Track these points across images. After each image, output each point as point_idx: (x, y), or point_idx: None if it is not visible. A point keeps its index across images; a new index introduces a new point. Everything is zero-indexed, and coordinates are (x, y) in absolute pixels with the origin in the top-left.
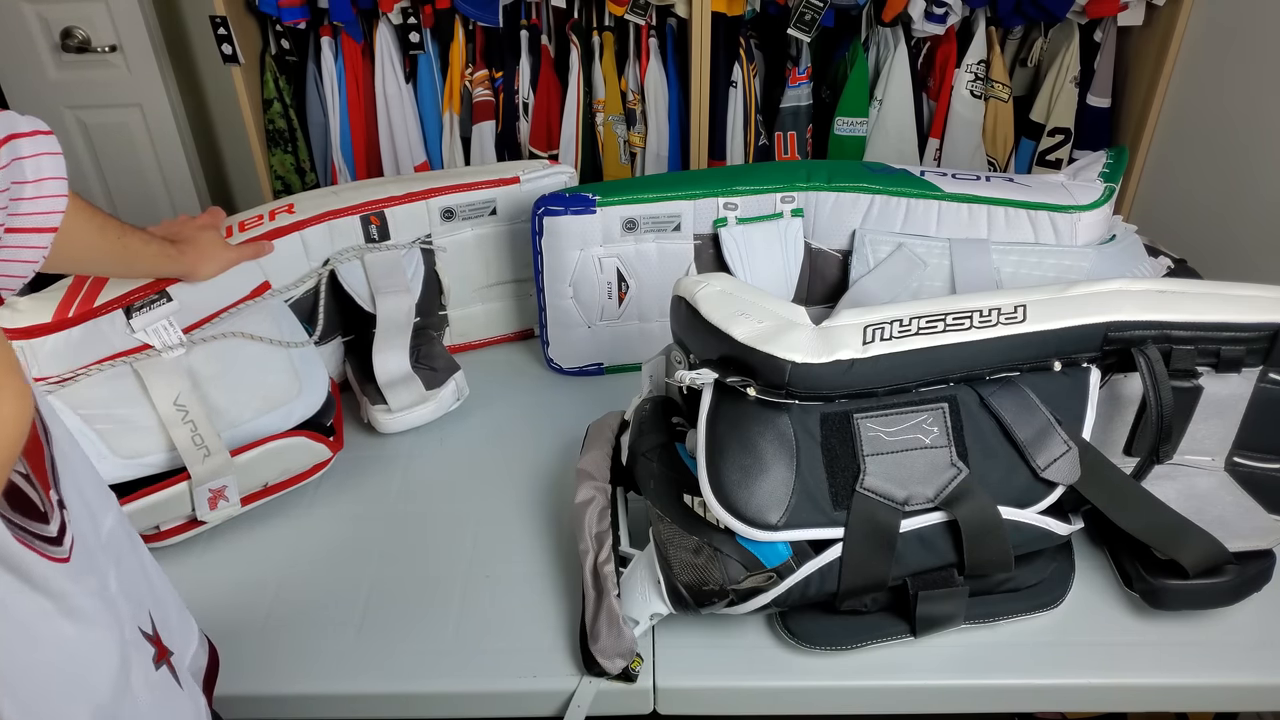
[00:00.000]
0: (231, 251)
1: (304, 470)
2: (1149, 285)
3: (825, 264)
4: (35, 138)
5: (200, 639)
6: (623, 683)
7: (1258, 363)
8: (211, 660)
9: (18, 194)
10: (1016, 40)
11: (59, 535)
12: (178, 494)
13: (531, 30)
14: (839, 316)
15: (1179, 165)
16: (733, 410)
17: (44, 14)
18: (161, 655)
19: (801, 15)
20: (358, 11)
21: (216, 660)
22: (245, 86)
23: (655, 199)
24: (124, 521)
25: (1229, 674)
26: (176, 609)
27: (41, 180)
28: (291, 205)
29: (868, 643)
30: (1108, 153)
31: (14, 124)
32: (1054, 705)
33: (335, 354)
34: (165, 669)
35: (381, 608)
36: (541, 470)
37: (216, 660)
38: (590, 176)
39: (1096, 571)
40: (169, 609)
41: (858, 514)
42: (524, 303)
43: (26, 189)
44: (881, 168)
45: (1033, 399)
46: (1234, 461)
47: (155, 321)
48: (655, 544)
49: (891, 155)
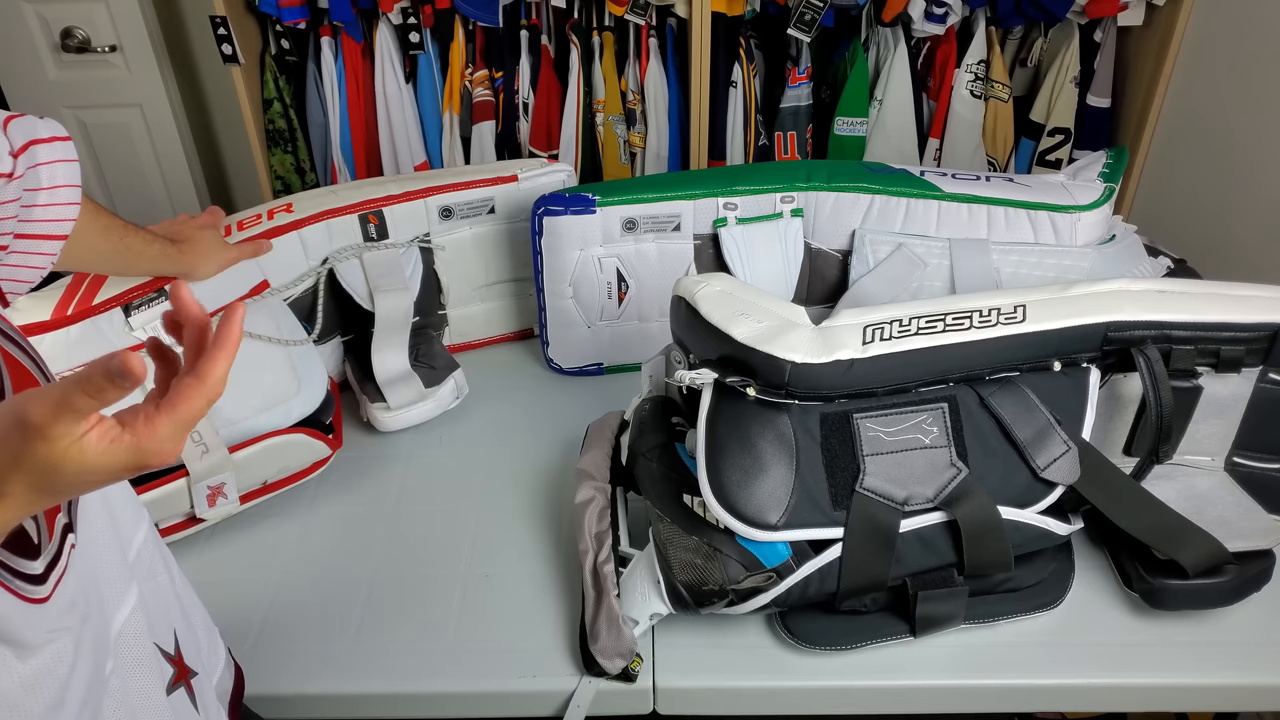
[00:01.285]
0: (231, 251)
1: (303, 468)
2: (1149, 285)
3: (825, 264)
4: (53, 144)
5: (227, 661)
6: (622, 683)
7: (1257, 363)
8: (237, 683)
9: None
10: (1016, 40)
11: (45, 573)
12: (176, 490)
13: (531, 30)
14: (839, 316)
15: (1179, 165)
16: (732, 410)
17: (44, 14)
18: (181, 676)
19: (801, 15)
20: (358, 11)
21: (242, 683)
22: (245, 86)
23: (655, 199)
24: (156, 539)
25: (1229, 674)
26: (205, 630)
27: (56, 188)
28: (290, 204)
29: (867, 643)
30: (1108, 153)
31: (34, 130)
32: (1054, 705)
33: (335, 353)
34: (182, 692)
35: (381, 607)
36: (541, 470)
37: (242, 683)
38: (590, 176)
39: (1096, 571)
40: (197, 629)
41: (857, 514)
42: (523, 302)
43: (40, 196)
44: (881, 168)
45: (1033, 399)
46: (1234, 461)
47: (154, 319)
48: (655, 544)
49: (891, 155)
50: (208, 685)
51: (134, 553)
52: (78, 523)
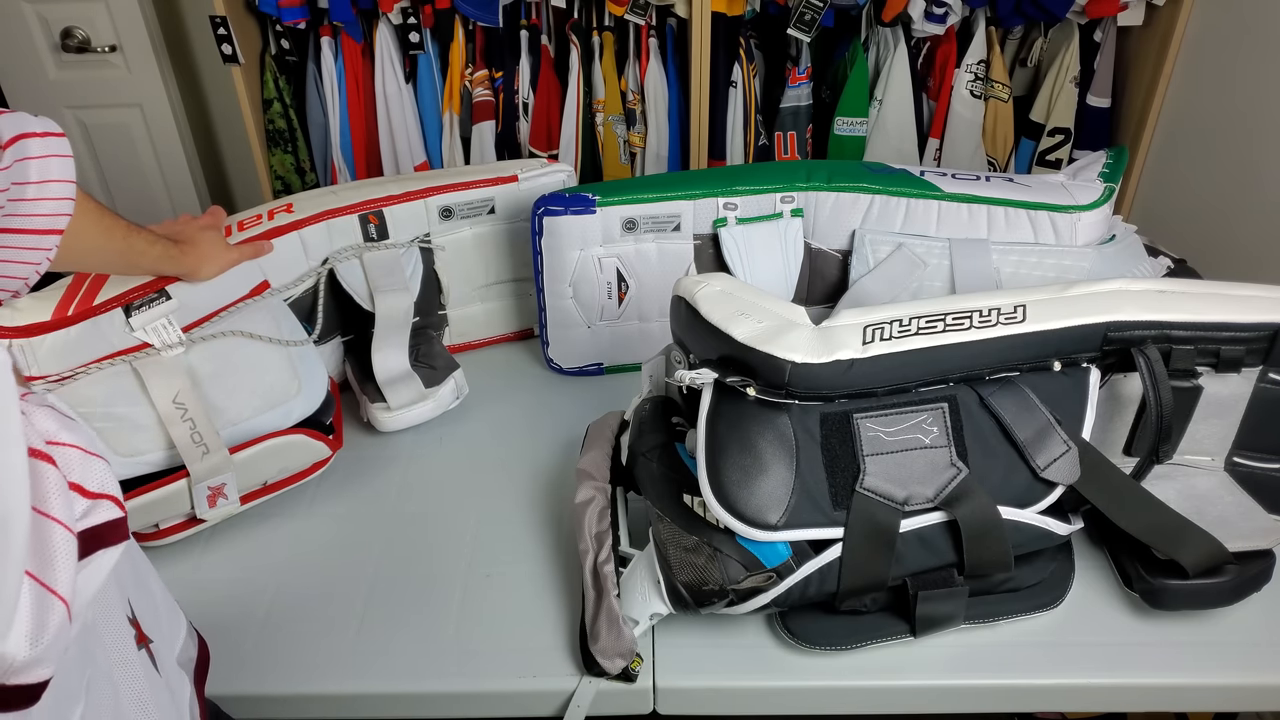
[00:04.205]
0: (232, 252)
1: (303, 469)
2: (1149, 285)
3: (825, 264)
4: (46, 139)
5: (189, 630)
6: (622, 683)
7: (1257, 363)
8: (202, 652)
9: (19, 195)
10: (1016, 40)
11: None
12: (176, 491)
13: (531, 30)
14: (839, 316)
15: (1179, 165)
16: (732, 410)
17: (44, 14)
18: (141, 640)
19: (801, 15)
20: (358, 11)
21: (207, 653)
22: (245, 86)
23: (655, 199)
24: None
25: (1229, 674)
26: (164, 600)
27: (47, 183)
28: (290, 205)
29: (867, 643)
30: (1108, 153)
31: (25, 124)
32: (1054, 705)
33: (335, 354)
34: (145, 653)
35: (381, 607)
36: (541, 470)
37: (207, 653)
38: (590, 176)
39: (1096, 571)
40: (155, 598)
41: (857, 514)
42: (523, 302)
43: (29, 190)
44: (881, 168)
45: (1032, 399)
46: (1234, 461)
47: (154, 320)
48: (655, 544)
49: (891, 155)
50: (168, 654)
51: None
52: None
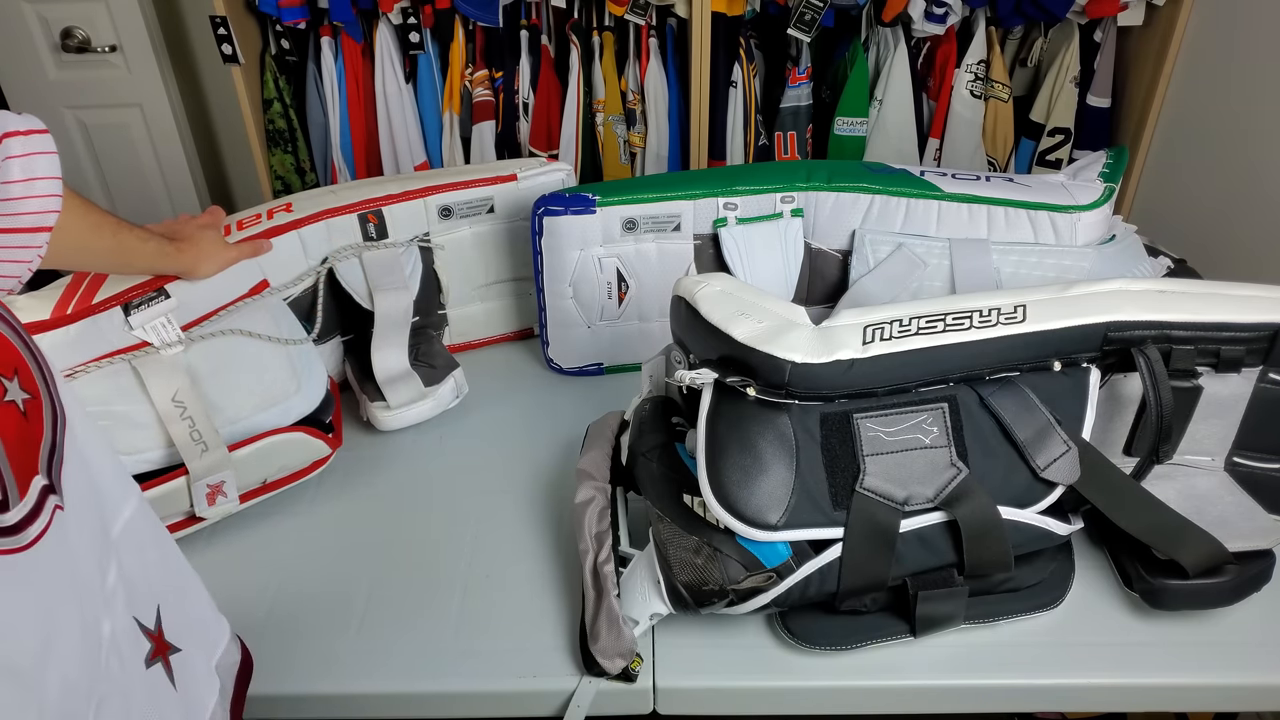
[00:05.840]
0: (231, 251)
1: (303, 467)
2: (1149, 285)
3: (825, 264)
4: (29, 137)
5: (232, 637)
6: (622, 683)
7: (1258, 363)
8: (245, 661)
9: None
10: (1016, 40)
11: (18, 525)
12: (175, 489)
13: (531, 30)
14: (839, 316)
15: (1179, 165)
16: (732, 410)
17: (44, 14)
18: (158, 652)
19: (801, 15)
20: (358, 11)
21: (250, 661)
22: (245, 86)
23: (655, 199)
24: (147, 514)
25: (1229, 674)
26: (206, 606)
27: (32, 180)
28: (289, 204)
29: (867, 643)
30: (1108, 153)
31: (6, 123)
32: (1054, 705)
33: (335, 353)
34: (159, 667)
35: (381, 607)
36: (541, 470)
37: (250, 661)
38: (590, 176)
39: (1096, 571)
40: (190, 606)
41: (857, 514)
42: (523, 302)
43: (14, 189)
44: (881, 168)
45: (1032, 399)
46: (1234, 461)
47: (153, 319)
48: (655, 544)
49: (891, 155)
50: (198, 661)
51: (119, 527)
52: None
